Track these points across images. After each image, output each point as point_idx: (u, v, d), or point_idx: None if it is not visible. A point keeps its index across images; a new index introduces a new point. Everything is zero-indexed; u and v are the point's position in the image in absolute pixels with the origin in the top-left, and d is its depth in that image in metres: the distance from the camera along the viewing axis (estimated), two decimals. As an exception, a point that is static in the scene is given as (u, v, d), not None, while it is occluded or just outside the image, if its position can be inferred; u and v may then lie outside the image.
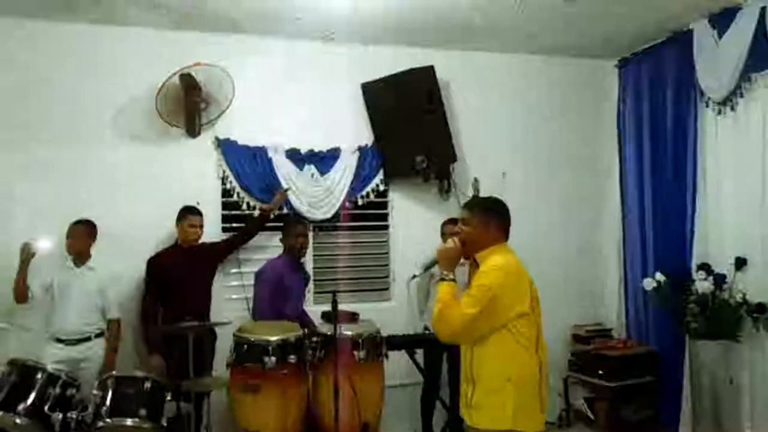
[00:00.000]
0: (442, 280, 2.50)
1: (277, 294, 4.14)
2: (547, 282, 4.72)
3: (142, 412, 3.22)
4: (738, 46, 4.12)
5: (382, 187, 4.98)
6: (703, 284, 4.23)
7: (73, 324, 3.86)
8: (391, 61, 4.85)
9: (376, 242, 5.06)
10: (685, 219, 4.60)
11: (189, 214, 4.23)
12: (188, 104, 4.48)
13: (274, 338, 3.52)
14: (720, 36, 4.31)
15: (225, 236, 4.61)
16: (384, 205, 5.07)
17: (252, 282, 4.35)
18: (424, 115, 4.74)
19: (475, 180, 5.09)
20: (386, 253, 5.06)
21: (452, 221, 4.60)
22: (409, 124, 4.75)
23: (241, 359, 3.55)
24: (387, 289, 5.06)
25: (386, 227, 5.08)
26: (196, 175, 4.61)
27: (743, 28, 4.10)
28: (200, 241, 4.31)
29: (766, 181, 4.04)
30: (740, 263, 4.16)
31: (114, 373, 3.41)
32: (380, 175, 4.94)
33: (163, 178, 4.49)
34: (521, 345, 2.37)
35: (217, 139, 4.65)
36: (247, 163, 4.69)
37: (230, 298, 4.59)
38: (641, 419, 4.72)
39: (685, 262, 4.55)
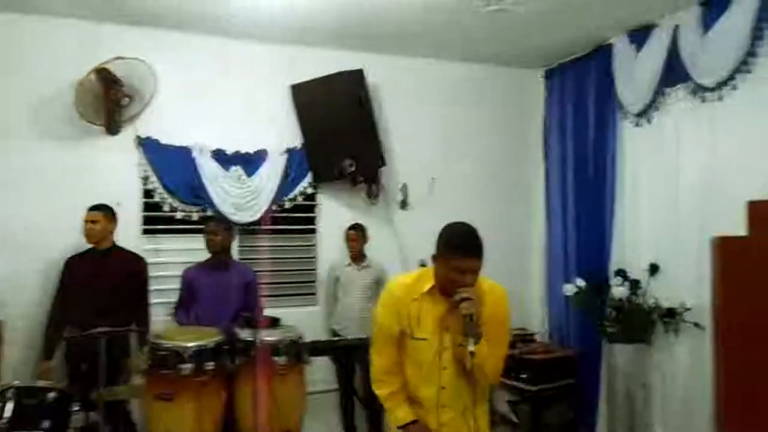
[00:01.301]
0: (479, 337, 2.21)
1: (187, 297, 4.06)
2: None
3: (46, 424, 3.04)
4: (653, 62, 4.30)
5: (310, 190, 4.92)
6: (619, 290, 4.37)
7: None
8: (321, 63, 4.80)
9: (303, 246, 5.00)
10: (605, 226, 4.76)
11: (89, 210, 4.00)
12: (108, 100, 4.30)
13: (190, 344, 3.40)
14: (638, 51, 4.48)
15: (146, 239, 4.46)
16: (312, 209, 5.01)
17: (172, 286, 4.21)
18: (353, 119, 4.72)
19: (404, 184, 5.11)
20: (313, 257, 5.01)
21: (354, 227, 4.63)
22: (338, 127, 4.72)
23: (156, 366, 3.41)
24: (314, 293, 5.00)
25: (314, 231, 5.02)
26: (115, 175, 4.42)
27: (658, 45, 4.28)
28: (128, 250, 4.10)
29: (679, 191, 4.22)
30: (654, 269, 4.33)
31: (16, 383, 3.21)
32: (308, 178, 4.88)
33: (79, 177, 4.29)
34: None
35: (138, 137, 4.48)
36: (171, 163, 4.54)
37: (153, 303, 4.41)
38: (562, 422, 4.84)
39: (604, 268, 4.70)
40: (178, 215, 4.58)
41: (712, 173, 3.95)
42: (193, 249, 4.51)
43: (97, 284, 3.88)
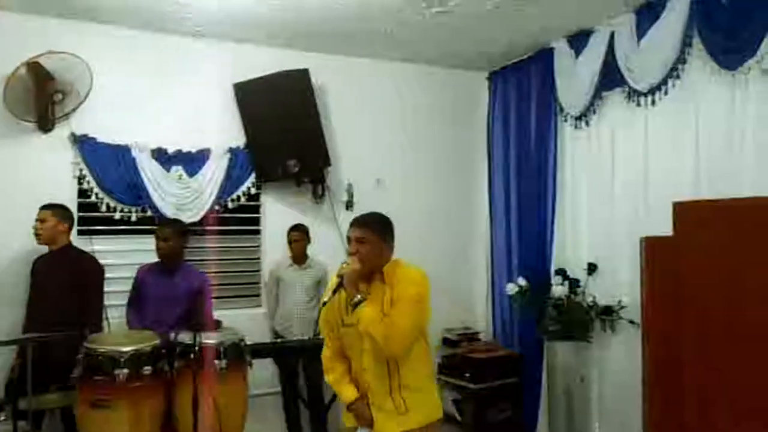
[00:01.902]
0: (359, 302, 2.49)
1: (135, 300, 4.00)
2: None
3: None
4: (591, 66, 4.42)
5: (253, 191, 4.85)
6: (558, 289, 4.48)
7: None
8: (266, 62, 4.74)
9: (247, 247, 4.93)
10: (546, 226, 4.87)
11: (39, 209, 3.89)
12: (39, 96, 4.14)
13: (126, 349, 3.30)
14: (577, 56, 4.60)
15: (81, 240, 4.29)
16: (256, 209, 4.94)
17: (109, 288, 4.08)
18: (298, 119, 4.68)
19: (349, 185, 5.10)
20: (257, 258, 4.94)
21: (296, 228, 4.62)
22: (282, 127, 4.68)
23: (90, 372, 3.29)
24: (258, 295, 4.93)
25: (258, 231, 4.95)
26: (48, 173, 4.27)
27: (596, 50, 4.40)
28: (84, 251, 3.98)
29: (615, 192, 4.36)
30: (592, 268, 4.45)
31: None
32: (252, 178, 4.81)
33: (9, 176, 4.12)
34: (426, 343, 2.67)
35: (73, 134, 4.33)
36: (108, 162, 4.41)
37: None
38: (505, 419, 4.92)
39: (546, 267, 4.80)
40: (117, 215, 4.46)
41: (645, 175, 4.10)
42: (132, 250, 4.42)
43: (51, 285, 3.80)
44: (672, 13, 3.84)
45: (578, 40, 4.59)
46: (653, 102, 4.03)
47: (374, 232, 2.59)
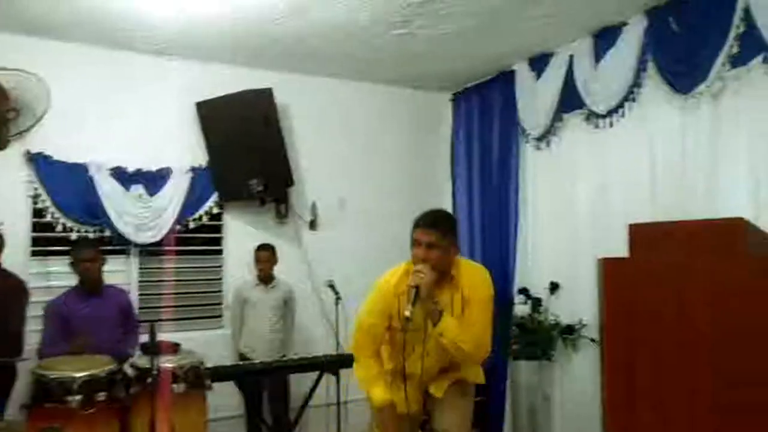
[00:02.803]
0: (440, 313, 2.47)
1: (60, 332, 3.71)
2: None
3: None
4: (552, 88, 4.51)
5: (216, 210, 4.80)
6: (521, 308, 4.51)
7: None
8: (229, 81, 4.71)
9: (208, 267, 4.85)
10: (509, 246, 4.90)
11: None
12: (-7, 113, 4.02)
13: (79, 374, 3.19)
14: (538, 78, 4.68)
15: (35, 261, 4.19)
16: (218, 229, 4.88)
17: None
18: (262, 138, 4.65)
19: (313, 204, 5.07)
20: (219, 278, 4.87)
21: (264, 247, 4.57)
22: (245, 146, 4.64)
23: (40, 399, 3.18)
24: (220, 316, 4.85)
25: (220, 251, 4.89)
26: (1, 192, 4.14)
27: (556, 73, 4.49)
28: (12, 273, 3.77)
29: (575, 212, 4.42)
30: (554, 287, 4.50)
31: None
32: (214, 198, 4.76)
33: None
34: None
35: (28, 152, 4.22)
36: (64, 181, 4.31)
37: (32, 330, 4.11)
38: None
39: (509, 286, 4.83)
40: (73, 236, 4.34)
41: (603, 196, 4.17)
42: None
43: None
44: (628, 38, 3.95)
45: (539, 63, 4.67)
46: (611, 124, 4.12)
47: (444, 234, 2.54)
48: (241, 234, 4.86)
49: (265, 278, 4.57)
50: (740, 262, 1.98)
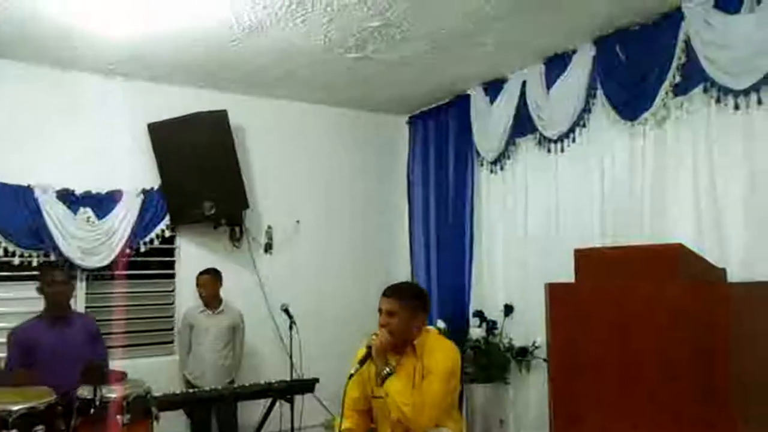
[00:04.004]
0: (388, 375, 2.48)
1: (23, 361, 3.54)
2: (339, 328, 4.83)
3: None
4: (505, 113, 4.58)
5: (168, 233, 4.69)
6: (476, 331, 4.52)
7: None
8: (182, 102, 4.65)
9: (160, 292, 4.73)
10: (464, 268, 4.93)
11: None
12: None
13: (16, 407, 3.04)
14: (492, 102, 4.76)
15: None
16: (170, 252, 4.77)
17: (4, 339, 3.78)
18: (215, 160, 4.59)
19: (269, 227, 5.02)
20: (171, 303, 4.75)
21: (206, 272, 4.50)
22: (199, 168, 4.57)
23: (-26, 434, 3.02)
24: (172, 342, 4.73)
25: (172, 275, 4.77)
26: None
27: (509, 98, 4.57)
28: None
29: (527, 235, 4.48)
30: (508, 310, 4.53)
31: None
32: (167, 221, 4.66)
33: None
34: (459, 414, 2.71)
35: (-31, 174, 4.08)
36: (7, 203, 4.17)
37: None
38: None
39: (464, 309, 4.84)
40: (16, 261, 4.20)
41: (555, 219, 4.24)
42: (32, 298, 4.11)
43: None
44: (578, 65, 4.05)
45: (493, 88, 4.75)
46: (562, 149, 4.21)
47: (405, 304, 2.58)
48: (195, 258, 4.76)
49: (209, 303, 4.47)
50: (675, 287, 2.03)
